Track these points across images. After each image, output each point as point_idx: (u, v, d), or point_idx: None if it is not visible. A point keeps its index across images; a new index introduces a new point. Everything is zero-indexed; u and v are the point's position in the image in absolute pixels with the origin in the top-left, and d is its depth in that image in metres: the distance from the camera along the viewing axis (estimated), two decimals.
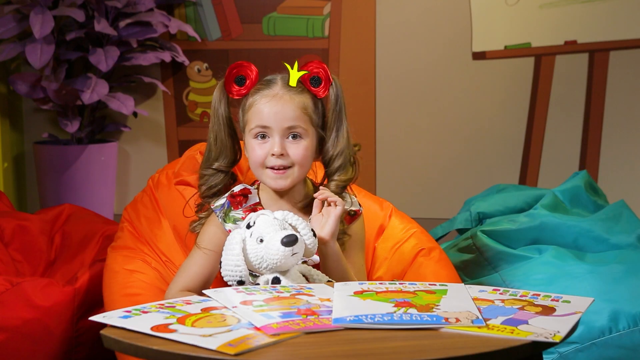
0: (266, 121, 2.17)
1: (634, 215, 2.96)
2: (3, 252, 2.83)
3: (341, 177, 2.24)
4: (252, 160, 2.21)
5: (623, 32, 4.16)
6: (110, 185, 4.20)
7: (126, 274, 2.40)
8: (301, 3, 4.32)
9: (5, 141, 4.25)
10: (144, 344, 1.68)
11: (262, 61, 4.20)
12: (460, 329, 1.75)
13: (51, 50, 3.85)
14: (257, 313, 1.80)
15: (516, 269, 2.73)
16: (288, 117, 2.17)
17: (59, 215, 2.97)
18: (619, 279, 2.63)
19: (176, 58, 4.18)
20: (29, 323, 2.48)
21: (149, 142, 4.43)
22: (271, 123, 2.17)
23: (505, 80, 4.25)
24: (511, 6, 4.20)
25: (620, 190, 4.10)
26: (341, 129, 2.24)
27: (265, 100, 2.18)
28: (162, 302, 1.89)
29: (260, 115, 2.18)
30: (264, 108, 2.18)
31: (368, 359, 1.66)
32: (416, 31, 4.26)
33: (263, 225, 2.09)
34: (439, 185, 4.32)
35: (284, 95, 2.19)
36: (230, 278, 2.09)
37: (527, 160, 4.28)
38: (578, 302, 1.91)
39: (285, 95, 2.19)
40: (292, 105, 2.18)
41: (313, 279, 2.12)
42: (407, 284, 2.02)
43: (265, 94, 2.19)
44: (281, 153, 2.17)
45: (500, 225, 2.92)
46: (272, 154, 2.17)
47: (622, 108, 4.21)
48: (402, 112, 4.31)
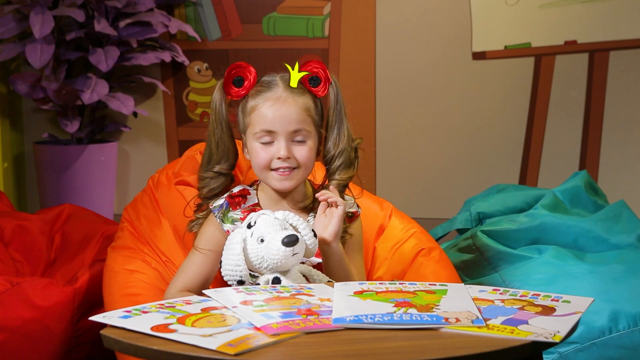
0: (271, 125, 2.16)
1: (634, 215, 2.96)
2: (3, 252, 2.83)
3: (342, 175, 2.24)
4: (256, 163, 2.20)
5: (623, 32, 4.15)
6: (110, 185, 4.20)
7: (126, 274, 2.40)
8: (301, 3, 4.32)
9: (5, 141, 4.25)
10: (144, 344, 1.68)
11: (262, 61, 4.21)
12: (460, 329, 1.75)
13: (51, 50, 3.85)
14: (257, 313, 1.80)
15: (516, 269, 2.73)
16: (293, 120, 2.16)
17: (59, 215, 2.97)
18: (619, 279, 2.63)
19: (176, 58, 4.18)
20: (29, 323, 2.48)
21: (149, 142, 4.43)
22: (276, 127, 2.16)
23: (505, 81, 4.25)
24: (511, 6, 4.20)
25: (620, 191, 4.10)
26: (342, 127, 2.23)
27: (269, 104, 2.17)
28: (162, 302, 1.88)
29: (265, 119, 2.17)
30: (267, 112, 2.17)
31: (368, 359, 1.66)
32: (416, 31, 4.26)
33: (264, 225, 2.09)
34: (439, 185, 4.32)
35: (287, 98, 2.18)
36: (231, 278, 2.08)
37: (527, 160, 4.28)
38: (578, 302, 1.91)
39: (289, 98, 2.18)
40: (296, 108, 2.17)
41: (313, 279, 2.12)
42: (407, 284, 2.02)
43: (268, 97, 2.18)
44: (287, 157, 2.16)
45: (500, 225, 2.91)
46: (279, 158, 2.16)
47: (622, 108, 4.20)
48: (402, 112, 4.31)
